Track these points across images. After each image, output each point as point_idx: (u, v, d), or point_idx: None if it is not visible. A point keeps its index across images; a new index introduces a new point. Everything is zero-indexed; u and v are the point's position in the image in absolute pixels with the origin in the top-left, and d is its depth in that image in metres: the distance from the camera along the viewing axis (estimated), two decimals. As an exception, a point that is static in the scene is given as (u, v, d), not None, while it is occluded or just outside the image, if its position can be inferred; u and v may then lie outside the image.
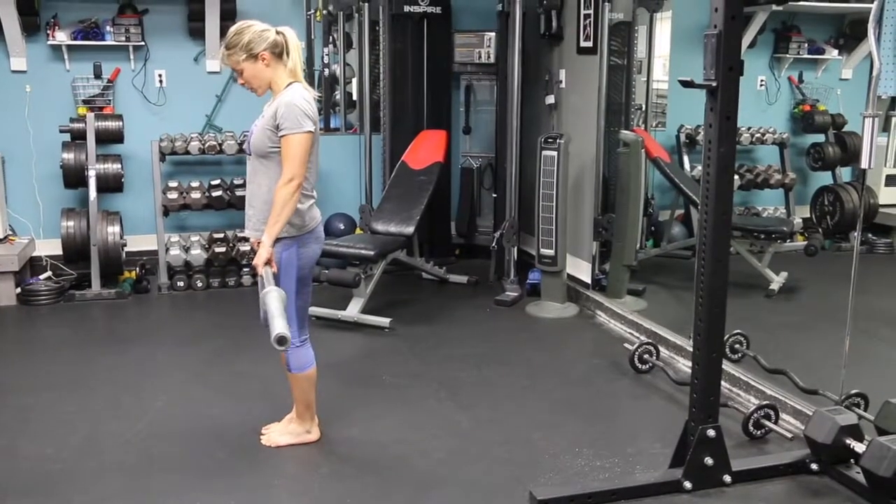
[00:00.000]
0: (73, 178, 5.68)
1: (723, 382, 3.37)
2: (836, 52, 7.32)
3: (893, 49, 3.22)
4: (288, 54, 3.22)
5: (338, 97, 6.71)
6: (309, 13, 6.44)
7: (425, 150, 5.96)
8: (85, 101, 5.88)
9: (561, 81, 5.82)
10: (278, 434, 3.48)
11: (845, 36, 7.29)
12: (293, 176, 3.08)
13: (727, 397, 3.76)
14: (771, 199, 7.29)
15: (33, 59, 5.92)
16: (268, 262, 3.12)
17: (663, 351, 4.47)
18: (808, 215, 7.21)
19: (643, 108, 6.51)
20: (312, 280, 3.42)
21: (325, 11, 6.42)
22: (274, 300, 2.91)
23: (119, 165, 5.74)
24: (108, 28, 5.93)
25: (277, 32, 3.23)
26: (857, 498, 3.02)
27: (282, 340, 2.76)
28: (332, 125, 6.77)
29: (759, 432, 3.51)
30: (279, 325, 2.80)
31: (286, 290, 3.16)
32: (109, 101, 5.95)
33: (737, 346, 4.23)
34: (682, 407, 3.48)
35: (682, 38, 6.38)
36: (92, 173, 5.60)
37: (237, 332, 4.90)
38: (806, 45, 7.19)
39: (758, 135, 7.04)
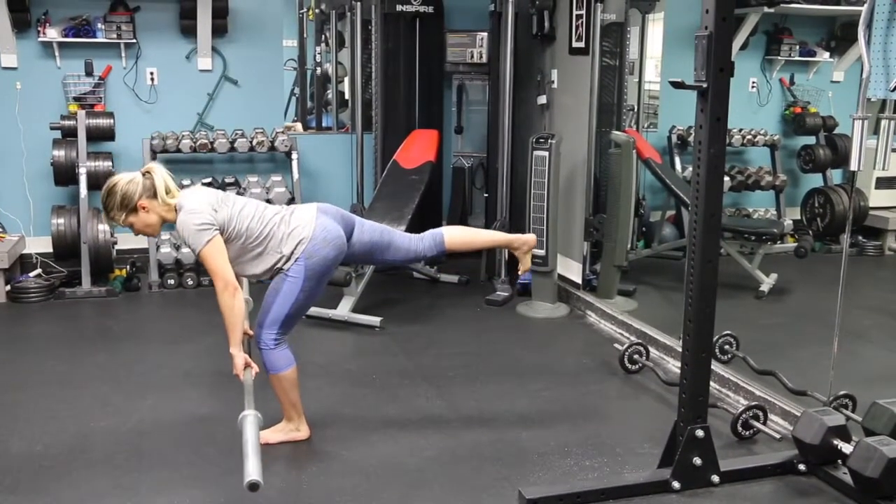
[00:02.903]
0: (64, 175, 5.66)
1: (712, 383, 3.39)
2: (827, 54, 7.34)
3: (883, 52, 3.23)
4: (158, 189, 3.20)
5: (330, 96, 6.71)
6: (301, 12, 6.45)
7: (417, 149, 5.96)
8: (76, 99, 5.87)
9: (553, 82, 5.83)
10: (268, 432, 3.47)
11: (837, 38, 7.31)
12: (224, 283, 3.11)
13: (716, 398, 3.77)
14: (761, 200, 7.31)
15: (24, 56, 5.90)
16: (247, 366, 3.15)
17: (653, 351, 4.48)
18: (799, 217, 7.23)
19: (635, 109, 6.53)
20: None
21: (317, 10, 6.42)
22: (250, 429, 2.73)
23: (110, 163, 5.72)
24: (99, 25, 5.92)
25: (144, 174, 3.22)
26: (844, 498, 3.04)
27: (253, 487, 2.54)
28: (323, 124, 6.76)
29: (747, 433, 3.52)
30: (252, 468, 2.56)
31: (283, 295, 3.22)
32: (101, 98, 5.93)
33: (726, 346, 4.25)
34: (671, 407, 3.49)
35: (675, 39, 6.40)
36: (83, 171, 5.58)
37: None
38: (797, 47, 7.20)
39: (749, 136, 7.06)
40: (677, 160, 6.76)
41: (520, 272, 3.76)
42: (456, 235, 3.65)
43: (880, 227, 7.09)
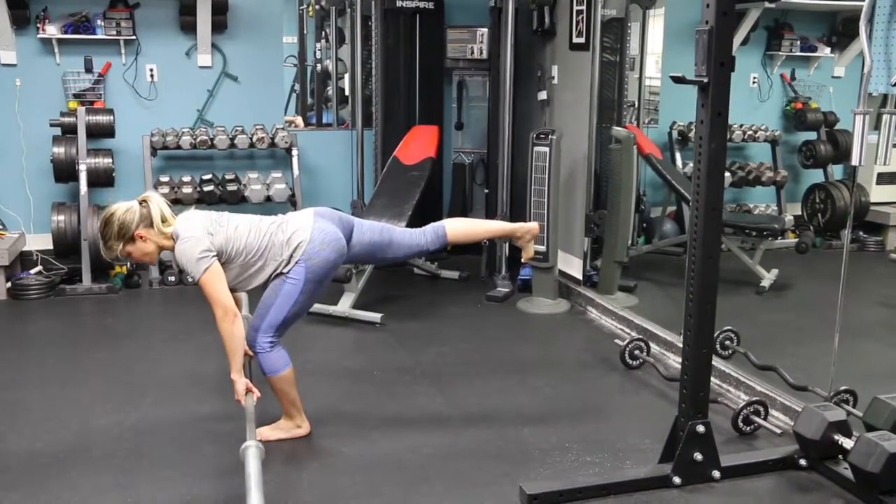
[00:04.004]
0: (64, 172, 5.66)
1: (713, 378, 3.39)
2: (828, 49, 7.33)
3: (884, 47, 3.22)
4: (153, 222, 3.21)
5: (330, 92, 6.70)
6: (301, 8, 6.44)
7: (417, 145, 5.95)
8: (76, 96, 5.86)
9: (553, 77, 5.82)
10: (269, 429, 3.47)
11: (838, 34, 7.30)
12: (223, 311, 3.12)
13: (717, 393, 3.77)
14: (762, 196, 7.30)
15: (23, 53, 5.89)
16: (248, 391, 3.16)
17: (654, 347, 4.48)
18: (800, 213, 7.23)
19: (635, 105, 6.52)
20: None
21: (317, 6, 6.41)
22: (252, 461, 2.59)
23: (110, 160, 5.72)
24: (98, 22, 5.91)
25: (141, 203, 3.22)
26: (845, 493, 3.04)
27: None
28: (324, 120, 6.76)
29: (748, 428, 3.52)
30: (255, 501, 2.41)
31: (282, 297, 3.22)
32: (100, 95, 5.92)
33: (727, 342, 4.24)
34: (671, 403, 3.49)
35: (675, 34, 6.39)
36: (83, 168, 5.58)
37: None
38: (798, 42, 7.20)
39: (750, 132, 7.05)
40: (678, 156, 6.75)
41: (523, 260, 3.75)
42: (457, 227, 3.64)
43: (881, 223, 7.09)
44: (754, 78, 7.26)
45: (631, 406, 3.98)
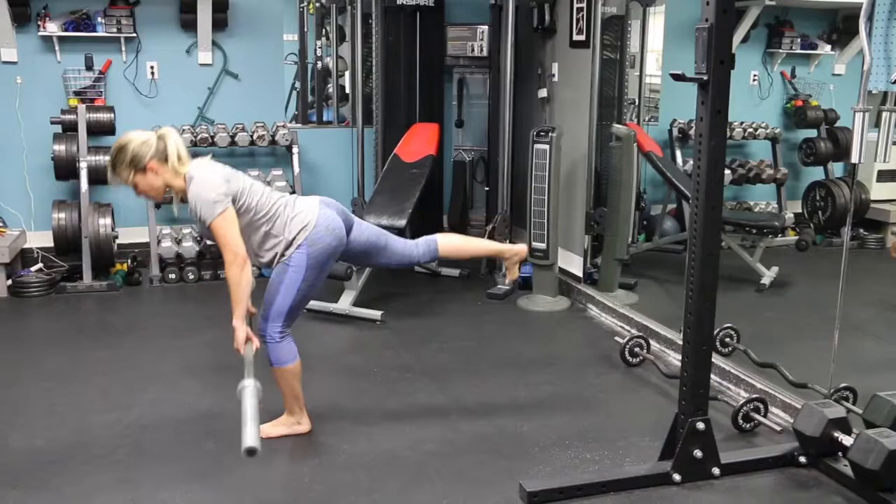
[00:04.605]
0: (65, 169, 5.67)
1: (713, 376, 3.39)
2: (828, 47, 7.33)
3: (884, 44, 3.22)
4: (169, 155, 3.19)
5: (330, 90, 6.70)
6: (302, 5, 6.44)
7: (417, 143, 5.96)
8: (76, 93, 5.86)
9: (553, 75, 5.82)
10: (270, 426, 3.48)
11: (838, 31, 7.29)
12: (233, 255, 3.11)
13: (717, 390, 3.77)
14: (763, 193, 7.30)
15: (24, 51, 5.89)
16: (248, 339, 3.15)
17: (654, 344, 4.48)
18: (800, 210, 7.23)
19: (636, 103, 6.52)
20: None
21: (317, 4, 6.41)
22: (250, 400, 2.81)
23: (110, 157, 5.72)
24: (99, 19, 5.91)
25: (158, 137, 3.21)
26: (845, 490, 3.04)
27: (251, 452, 2.63)
28: (324, 118, 6.76)
29: (748, 425, 3.52)
30: (250, 435, 2.67)
31: (286, 285, 3.22)
32: (101, 92, 5.92)
33: (727, 339, 4.25)
34: (672, 400, 3.49)
35: (676, 32, 6.39)
36: (83, 165, 5.59)
37: (228, 325, 4.80)
38: (799, 40, 7.18)
39: (750, 129, 7.05)
40: (678, 153, 6.75)
41: (507, 282, 3.78)
42: (450, 243, 3.68)
43: (881, 220, 7.09)
44: (754, 75, 7.26)
45: (631, 403, 3.98)
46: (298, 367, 3.39)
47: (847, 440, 3.03)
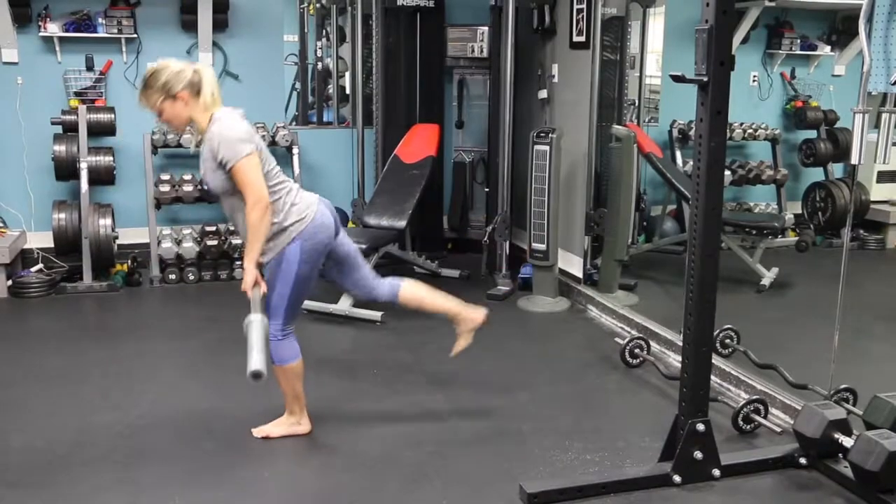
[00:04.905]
0: (65, 170, 5.67)
1: (713, 377, 3.39)
2: (828, 48, 7.33)
3: (884, 45, 3.23)
4: (203, 91, 3.19)
5: (330, 91, 6.70)
6: (302, 6, 6.44)
7: (418, 143, 5.96)
8: (77, 94, 5.87)
9: (553, 76, 5.82)
10: (270, 426, 3.48)
11: (838, 32, 7.29)
12: (257, 199, 3.10)
13: (717, 392, 3.77)
14: (762, 194, 7.30)
15: (25, 51, 5.89)
16: (256, 283, 3.13)
17: (654, 345, 4.48)
18: (800, 211, 7.23)
19: (636, 104, 6.52)
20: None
21: (318, 5, 6.41)
22: (256, 330, 2.90)
23: (111, 158, 5.72)
24: (100, 20, 5.91)
25: (193, 71, 3.21)
26: (845, 492, 3.04)
27: (257, 376, 2.74)
28: (324, 119, 6.76)
29: (748, 427, 3.52)
30: (256, 360, 2.77)
31: (281, 280, 3.22)
32: (101, 93, 5.93)
33: (727, 340, 4.25)
34: (672, 401, 3.49)
35: (675, 33, 6.39)
36: (84, 166, 5.59)
37: (228, 326, 4.87)
38: (798, 41, 7.19)
39: (750, 130, 7.05)
40: (678, 154, 6.75)
41: (452, 353, 3.69)
42: (412, 293, 3.63)
43: (881, 221, 7.09)
44: (754, 76, 7.26)
45: (631, 404, 3.98)
46: (300, 366, 3.39)
47: (847, 441, 3.03)
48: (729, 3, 2.78)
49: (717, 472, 3.10)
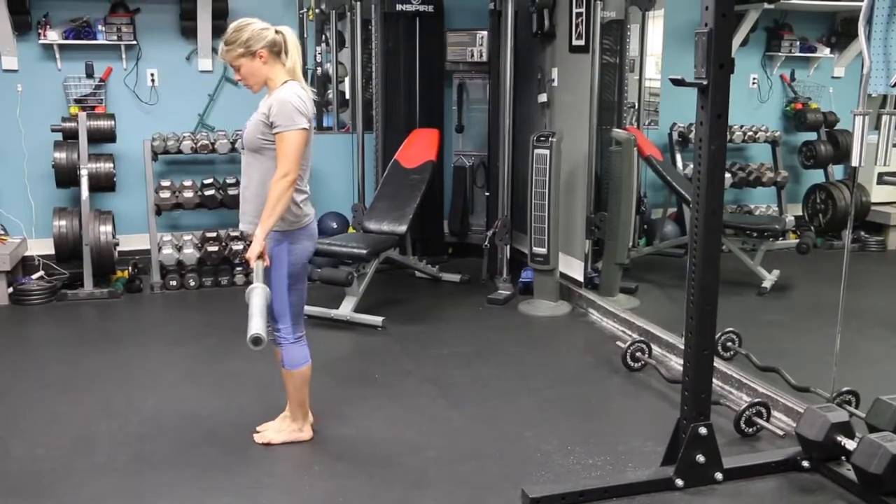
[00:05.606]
0: (66, 177, 5.67)
1: (715, 380, 3.39)
2: (828, 50, 7.33)
3: (883, 47, 3.22)
4: (286, 53, 3.24)
5: (330, 96, 6.70)
6: (301, 12, 6.44)
7: (418, 148, 5.96)
8: (77, 101, 5.87)
9: (553, 80, 5.82)
10: (272, 432, 3.48)
11: (837, 34, 7.30)
12: (287, 172, 3.11)
13: (719, 395, 3.77)
14: (763, 197, 7.30)
15: (24, 59, 5.89)
16: (260, 256, 3.13)
17: (655, 349, 4.48)
18: (801, 213, 7.23)
19: (636, 107, 6.52)
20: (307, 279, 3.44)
21: (317, 10, 6.41)
22: (257, 297, 2.94)
23: (111, 165, 5.72)
24: (99, 27, 5.91)
25: (277, 31, 3.24)
26: (848, 495, 3.04)
27: (256, 341, 2.79)
28: (324, 124, 6.76)
29: (750, 430, 3.52)
30: (256, 324, 2.83)
31: (276, 284, 3.21)
32: (101, 100, 5.93)
33: (729, 343, 4.24)
34: (674, 405, 3.49)
35: (675, 36, 6.39)
36: (84, 173, 5.59)
37: (229, 331, 4.89)
38: (798, 43, 7.19)
39: (750, 133, 7.05)
40: (678, 157, 6.75)
41: (259, 438, 3.56)
42: (293, 374, 3.39)
43: (882, 223, 7.08)
44: (754, 79, 7.26)
45: (633, 408, 3.98)
46: (308, 372, 3.40)
47: (850, 444, 3.02)
48: (728, 6, 2.78)
49: (719, 476, 3.09)
